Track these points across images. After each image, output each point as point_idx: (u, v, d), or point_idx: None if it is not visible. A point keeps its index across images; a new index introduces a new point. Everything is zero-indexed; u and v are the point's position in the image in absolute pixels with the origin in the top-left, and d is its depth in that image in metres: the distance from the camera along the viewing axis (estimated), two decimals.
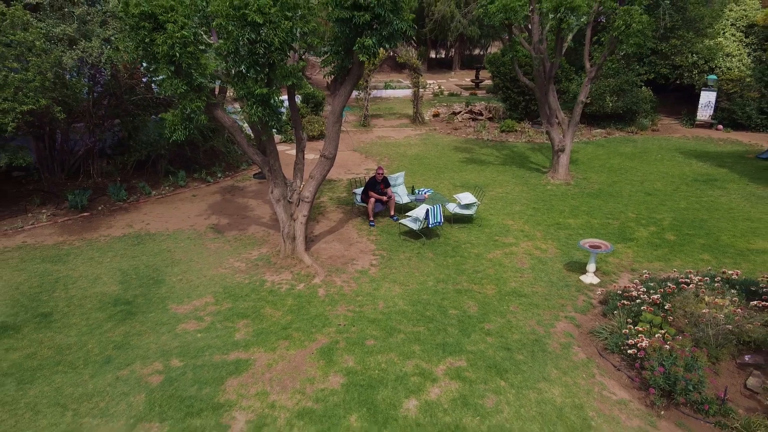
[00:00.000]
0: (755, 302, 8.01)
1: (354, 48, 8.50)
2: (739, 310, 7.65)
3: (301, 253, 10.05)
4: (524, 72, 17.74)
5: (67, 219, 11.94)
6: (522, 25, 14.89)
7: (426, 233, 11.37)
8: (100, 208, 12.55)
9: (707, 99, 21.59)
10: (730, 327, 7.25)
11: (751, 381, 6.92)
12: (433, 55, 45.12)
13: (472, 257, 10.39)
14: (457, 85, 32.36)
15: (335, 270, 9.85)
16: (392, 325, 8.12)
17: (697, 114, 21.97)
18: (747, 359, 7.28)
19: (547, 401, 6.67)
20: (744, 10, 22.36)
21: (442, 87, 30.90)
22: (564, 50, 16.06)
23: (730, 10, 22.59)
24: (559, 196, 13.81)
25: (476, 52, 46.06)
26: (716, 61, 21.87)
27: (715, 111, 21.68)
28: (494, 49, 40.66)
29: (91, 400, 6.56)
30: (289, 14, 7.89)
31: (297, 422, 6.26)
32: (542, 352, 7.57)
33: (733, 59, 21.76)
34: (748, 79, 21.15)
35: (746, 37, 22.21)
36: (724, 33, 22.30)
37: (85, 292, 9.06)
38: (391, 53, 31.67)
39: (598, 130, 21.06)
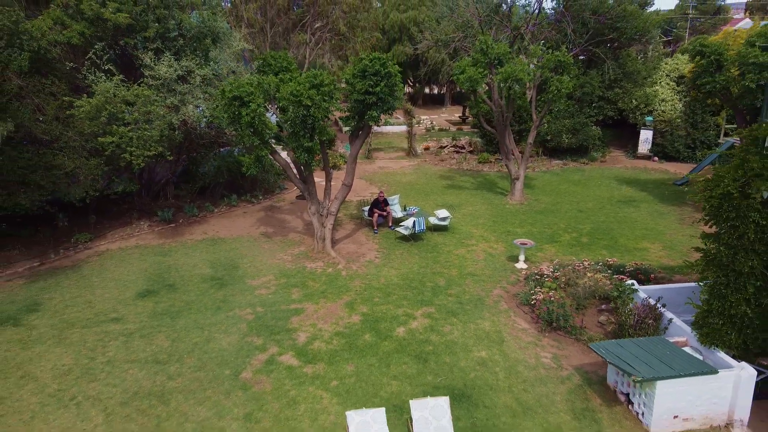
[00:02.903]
0: (617, 276, 12.80)
1: (365, 117, 13.52)
2: (606, 280, 12.45)
3: (329, 249, 14.90)
4: (488, 119, 22.76)
5: (161, 228, 16.81)
6: (483, 90, 19.93)
7: (413, 237, 16.21)
8: (180, 221, 17.44)
9: (645, 136, 26.67)
10: (592, 287, 12.04)
11: (601, 318, 11.69)
12: (427, 90, 50.63)
13: (444, 253, 15.24)
14: (447, 120, 37.57)
15: (351, 260, 14.68)
16: (390, 291, 12.93)
17: (638, 148, 27.03)
18: (603, 307, 12.05)
19: (480, 329, 11.43)
20: (676, 63, 27.60)
21: (434, 122, 36.10)
22: (515, 107, 20.87)
23: (666, 63, 27.86)
24: (513, 213, 18.71)
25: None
26: (653, 105, 27.00)
27: (652, 146, 26.74)
28: None
29: (215, 326, 11.34)
30: (327, 99, 12.89)
31: (334, 337, 11.02)
32: (481, 305, 12.36)
33: (667, 103, 26.88)
34: (677, 120, 26.23)
35: (677, 86, 27.38)
36: (660, 82, 27.49)
37: (189, 272, 13.89)
38: None
39: (556, 161, 26.09)
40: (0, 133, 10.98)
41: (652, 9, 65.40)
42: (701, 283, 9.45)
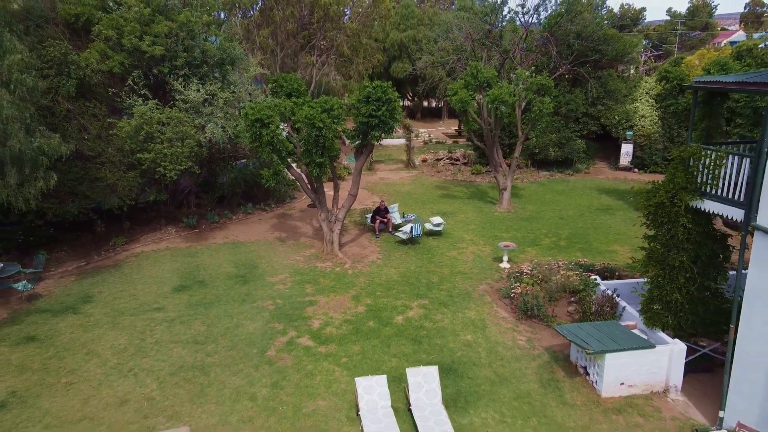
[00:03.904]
0: (586, 273, 14.86)
1: (369, 136, 15.65)
2: (576, 277, 14.51)
3: (336, 251, 16.96)
4: (478, 135, 24.82)
5: (186, 233, 18.90)
6: (474, 110, 22.06)
7: (411, 241, 18.28)
8: (203, 226, 19.53)
9: (626, 149, 28.82)
10: (563, 282, 14.10)
11: (570, 308, 13.74)
12: (425, 104, 52.91)
13: (438, 254, 17.30)
14: (444, 133, 39.77)
15: (356, 261, 16.74)
16: (390, 286, 14.99)
17: (620, 160, 29.17)
18: (572, 299, 14.09)
19: (467, 317, 13.47)
20: (655, 82, 29.79)
21: (432, 135, 38.29)
22: (503, 125, 22.85)
23: (646, 82, 30.07)
24: (501, 220, 20.80)
25: None
26: (634, 120, 29.15)
27: (632, 158, 28.88)
28: None
29: (242, 314, 13.39)
30: (336, 122, 15.02)
31: (343, 324, 13.06)
32: (468, 298, 14.42)
33: (646, 119, 29.04)
34: (655, 134, 28.37)
35: (656, 103, 29.55)
36: (640, 99, 29.68)
37: (216, 271, 15.96)
38: None
39: (543, 173, 28.22)
40: (63, 152, 13.06)
41: (645, 23, 67.63)
42: (646, 277, 11.53)
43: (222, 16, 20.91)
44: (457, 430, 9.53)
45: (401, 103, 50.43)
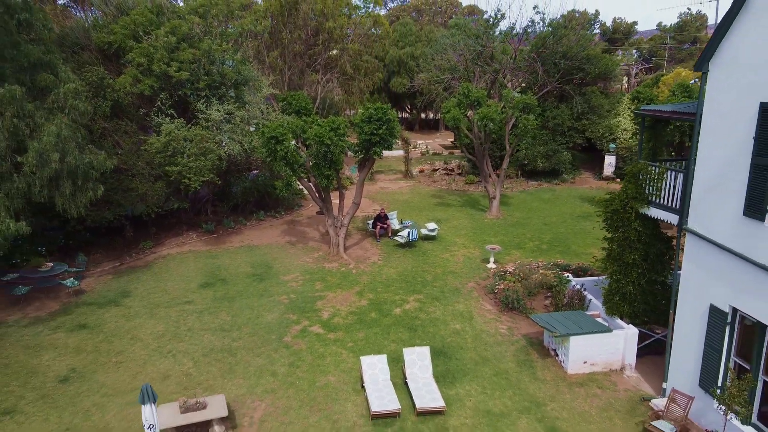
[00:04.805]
0: (562, 272, 16.90)
1: (371, 152, 17.76)
2: (552, 275, 16.54)
3: (342, 253, 19.01)
4: (470, 149, 26.96)
5: (206, 237, 20.96)
6: (465, 126, 24.19)
7: (408, 245, 20.33)
8: (220, 232, 21.58)
9: (609, 160, 30.97)
10: (541, 280, 16.14)
11: (546, 302, 15.76)
12: (423, 116, 55.13)
13: (432, 256, 19.36)
14: (440, 144, 41.92)
15: (359, 261, 18.79)
16: (389, 283, 17.03)
17: (604, 171, 31.31)
18: (548, 294, 16.11)
19: (456, 309, 15.50)
20: (629, 101, 31.97)
21: (429, 147, 40.45)
22: (492, 139, 24.93)
23: (627, 98, 32.25)
24: (490, 226, 22.87)
25: None
26: (617, 134, 31.31)
27: (615, 169, 31.01)
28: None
29: (261, 307, 15.41)
30: (343, 139, 17.11)
31: (349, 315, 15.09)
32: (458, 293, 16.45)
33: (627, 132, 31.21)
34: (636, 147, 30.49)
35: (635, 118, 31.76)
36: (623, 114, 31.86)
37: (235, 270, 18.00)
38: None
39: (532, 182, 30.33)
40: (108, 166, 15.15)
41: (637, 36, 70.05)
42: (606, 274, 13.58)
43: (237, 40, 23.06)
44: (445, 399, 11.52)
45: (400, 115, 52.83)
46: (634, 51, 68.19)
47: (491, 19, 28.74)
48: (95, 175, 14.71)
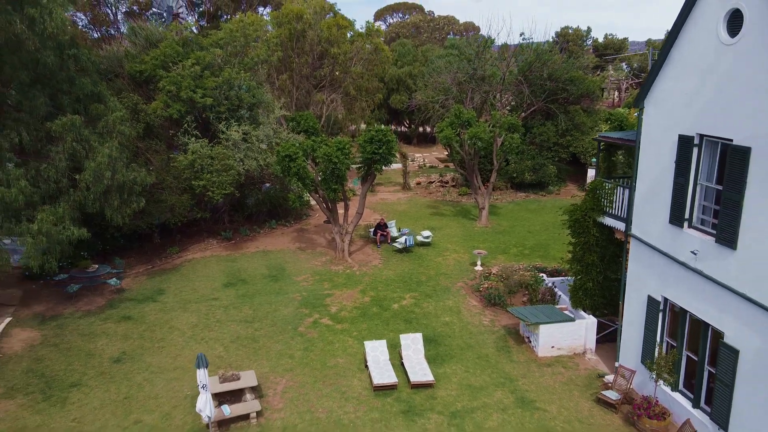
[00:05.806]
0: (540, 273, 19.34)
1: (372, 168, 20.31)
2: (530, 276, 18.99)
3: (347, 258, 21.50)
4: (461, 164, 29.51)
5: (225, 244, 23.45)
6: (457, 144, 26.72)
7: (405, 250, 22.81)
8: (237, 239, 24.07)
9: (592, 173, 33.52)
10: (520, 280, 18.60)
11: (524, 299, 18.20)
12: (420, 130, 57.83)
13: (426, 260, 21.84)
14: (437, 158, 44.51)
15: (362, 265, 21.26)
16: (389, 283, 19.51)
17: (587, 183, 33.85)
18: (526, 292, 18.57)
19: (446, 305, 17.95)
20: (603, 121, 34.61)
21: (426, 160, 43.04)
22: (481, 155, 27.55)
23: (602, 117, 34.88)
24: (480, 233, 25.37)
25: None
26: None
27: None
28: None
29: (278, 303, 17.88)
30: (348, 158, 19.66)
31: (353, 309, 17.55)
32: (448, 291, 18.92)
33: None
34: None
35: None
36: (604, 131, 34.45)
37: (253, 272, 20.47)
38: None
39: (521, 194, 32.87)
40: (148, 182, 17.69)
41: (628, 52, 72.72)
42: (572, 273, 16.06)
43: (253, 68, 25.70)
44: (434, 376, 13.94)
45: (399, 129, 55.49)
46: (624, 65, 71.15)
47: (481, 46, 31.44)
48: (138, 189, 17.23)
